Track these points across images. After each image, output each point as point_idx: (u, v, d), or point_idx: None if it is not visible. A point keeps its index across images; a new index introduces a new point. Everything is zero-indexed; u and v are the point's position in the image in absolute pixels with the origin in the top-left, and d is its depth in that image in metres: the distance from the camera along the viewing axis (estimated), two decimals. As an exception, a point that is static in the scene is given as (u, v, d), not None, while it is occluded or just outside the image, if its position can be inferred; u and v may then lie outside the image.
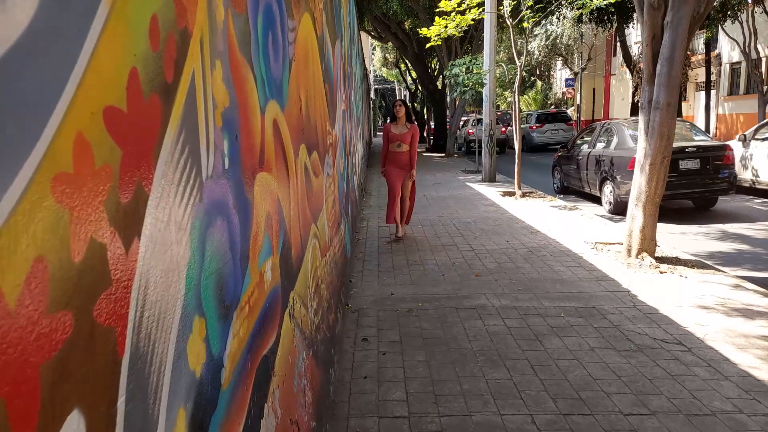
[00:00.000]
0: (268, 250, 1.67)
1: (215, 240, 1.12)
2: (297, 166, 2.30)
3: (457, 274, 4.85)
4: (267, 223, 1.65)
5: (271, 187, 1.74)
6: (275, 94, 1.83)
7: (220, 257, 1.16)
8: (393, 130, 6.23)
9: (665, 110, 4.71)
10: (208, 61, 1.10)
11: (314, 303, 2.69)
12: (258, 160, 1.55)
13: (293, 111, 2.23)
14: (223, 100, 1.21)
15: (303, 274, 2.41)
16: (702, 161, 7.32)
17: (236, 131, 1.31)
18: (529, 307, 3.98)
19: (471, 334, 3.52)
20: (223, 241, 1.18)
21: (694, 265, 4.99)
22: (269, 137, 1.72)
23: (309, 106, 2.74)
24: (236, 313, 1.27)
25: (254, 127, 1.51)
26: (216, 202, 1.13)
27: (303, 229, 2.45)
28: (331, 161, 3.87)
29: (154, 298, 0.81)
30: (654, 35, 4.76)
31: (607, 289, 4.32)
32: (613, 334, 3.47)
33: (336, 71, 4.60)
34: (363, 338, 3.51)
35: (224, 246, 1.19)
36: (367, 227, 7.19)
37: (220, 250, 1.16)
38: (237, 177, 1.31)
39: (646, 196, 5.01)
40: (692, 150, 7.38)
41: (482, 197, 9.49)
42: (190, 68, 0.99)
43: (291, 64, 2.17)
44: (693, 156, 7.39)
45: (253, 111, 1.50)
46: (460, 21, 8.44)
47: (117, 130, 0.71)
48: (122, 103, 0.73)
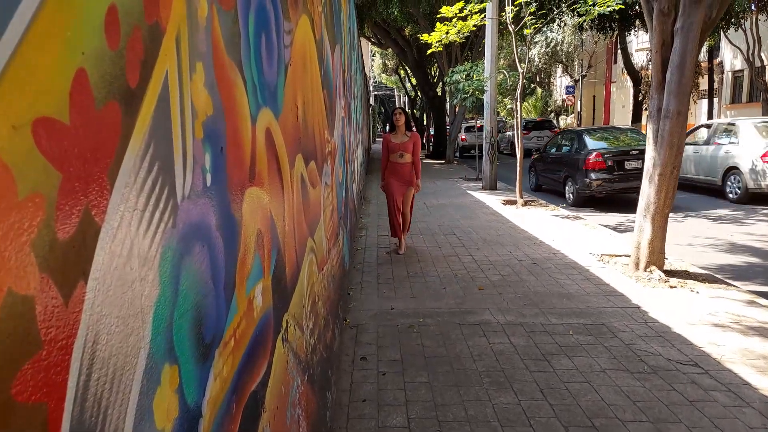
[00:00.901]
0: (259, 273, 1.51)
1: (192, 270, 0.96)
2: (292, 178, 2.15)
3: (459, 287, 4.68)
4: (257, 243, 1.50)
5: (263, 202, 1.58)
6: (269, 101, 1.68)
7: (199, 290, 1.00)
8: (393, 139, 5.87)
9: (675, 119, 4.57)
10: (187, 63, 0.94)
11: (310, 323, 2.53)
12: (248, 174, 1.40)
13: (289, 119, 2.08)
14: (206, 107, 1.05)
15: (298, 294, 2.25)
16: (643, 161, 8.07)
17: (221, 143, 1.16)
18: (536, 323, 3.82)
19: (475, 353, 3.35)
20: (202, 271, 1.02)
21: (705, 279, 4.84)
22: (261, 148, 1.56)
23: (306, 114, 2.59)
24: (218, 351, 1.11)
25: (243, 137, 1.35)
26: (194, 225, 0.97)
27: (299, 245, 2.29)
28: (329, 170, 3.72)
29: (106, 354, 0.65)
30: (664, 42, 4.62)
31: (616, 304, 4.16)
32: (625, 354, 3.30)
33: (335, 77, 4.46)
34: (362, 357, 3.34)
35: (204, 276, 1.03)
36: (366, 236, 7.04)
37: (199, 282, 1.00)
38: (222, 194, 1.16)
39: (654, 208, 4.86)
40: (635, 152, 8.90)
41: (483, 205, 9.34)
42: (163, 70, 0.84)
43: (287, 68, 2.02)
44: (635, 157, 8.85)
45: (243, 119, 1.35)
46: (462, 27, 8.32)
47: (54, 147, 0.55)
48: (63, 113, 0.57)
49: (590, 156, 8.90)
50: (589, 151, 9.03)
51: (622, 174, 8.78)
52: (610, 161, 8.82)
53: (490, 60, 10.96)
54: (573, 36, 25.81)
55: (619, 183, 8.85)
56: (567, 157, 9.70)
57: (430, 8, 14.48)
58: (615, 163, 8.83)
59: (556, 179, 10.12)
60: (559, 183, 9.96)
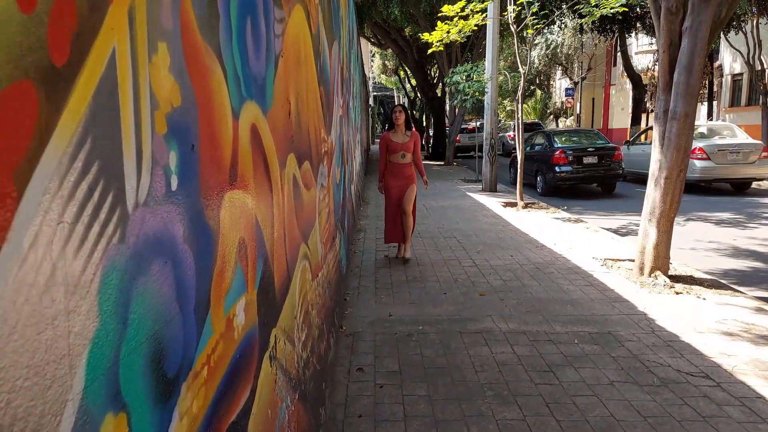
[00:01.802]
0: (241, 287, 1.35)
1: (149, 293, 0.80)
2: (283, 179, 1.98)
3: (459, 293, 4.52)
4: (240, 254, 1.33)
5: (247, 207, 1.42)
6: (255, 95, 1.51)
7: (159, 315, 0.83)
8: (393, 138, 5.55)
9: (683, 121, 4.42)
10: (144, 42, 0.78)
11: (302, 334, 2.36)
12: (228, 176, 1.23)
13: (280, 115, 1.91)
14: (171, 97, 0.89)
15: (289, 304, 2.09)
16: (599, 157, 10.55)
17: (192, 139, 1.00)
18: (539, 331, 3.66)
19: (477, 364, 3.19)
20: (164, 292, 0.86)
21: (711, 284, 4.69)
22: (245, 146, 1.40)
23: (300, 111, 2.43)
24: (186, 385, 0.94)
25: (222, 133, 1.19)
26: (152, 238, 0.81)
27: (290, 252, 2.12)
28: (325, 171, 3.55)
29: (7, 420, 0.49)
30: (671, 42, 4.48)
31: (621, 311, 4.01)
32: (633, 365, 3.15)
33: (333, 74, 4.30)
34: (358, 368, 3.17)
35: (166, 298, 0.87)
36: (365, 238, 6.87)
37: (159, 306, 0.84)
38: (193, 200, 1.00)
39: (660, 212, 4.71)
40: (592, 150, 10.62)
41: (483, 208, 9.18)
42: (107, 47, 0.67)
43: (278, 60, 1.85)
44: (593, 154, 10.60)
45: (222, 114, 1.18)
46: (463, 26, 8.17)
47: None
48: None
49: (555, 153, 10.59)
50: (554, 148, 10.75)
51: (582, 167, 10.56)
52: (571, 157, 10.50)
53: (491, 61, 10.81)
54: (573, 38, 25.70)
55: (579, 175, 10.59)
56: (538, 154, 11.31)
57: (430, 8, 14.34)
58: (575, 158, 10.52)
59: (529, 173, 11.48)
60: (532, 176, 11.48)
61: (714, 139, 10.82)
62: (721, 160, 10.17)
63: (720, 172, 10.20)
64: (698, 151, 10.18)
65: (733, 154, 10.18)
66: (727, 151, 10.17)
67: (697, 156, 10.16)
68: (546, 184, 10.85)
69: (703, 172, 10.21)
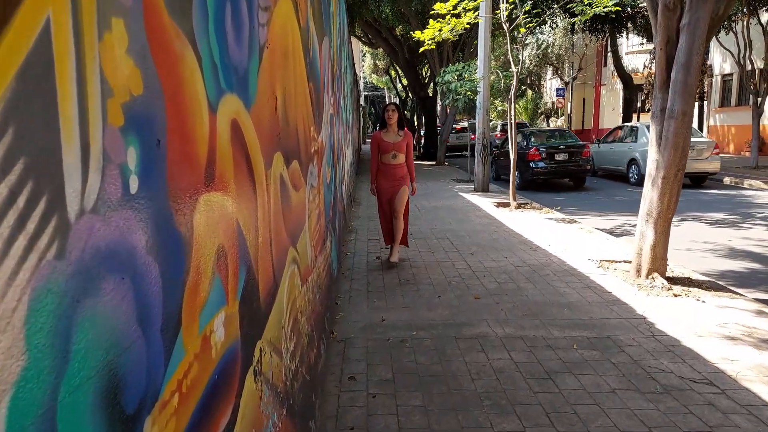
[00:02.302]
0: (219, 300, 1.22)
1: (100, 317, 0.67)
2: (269, 180, 1.85)
3: (454, 296, 4.41)
4: (218, 263, 1.20)
5: (227, 210, 1.29)
6: (236, 87, 1.38)
7: (114, 342, 0.70)
8: (385, 138, 5.30)
9: (680, 119, 4.34)
10: (92, 14, 0.65)
11: (291, 344, 2.23)
12: (203, 176, 1.10)
13: (265, 111, 1.78)
14: (130, 83, 0.76)
15: (276, 313, 1.95)
16: (569, 154, 11.77)
17: (159, 134, 0.86)
18: (537, 336, 3.55)
19: (473, 371, 3.08)
20: (120, 314, 0.72)
21: (709, 286, 4.61)
22: (225, 143, 1.27)
23: (288, 107, 2.30)
24: (151, 419, 0.81)
25: (197, 128, 1.06)
26: (104, 251, 0.68)
27: (277, 258, 1.99)
28: (315, 171, 3.42)
29: None
30: (668, 39, 4.39)
31: (620, 315, 3.91)
32: (634, 372, 3.05)
33: (323, 71, 4.16)
34: (350, 376, 3.05)
35: (124, 320, 0.74)
36: (356, 240, 6.74)
37: (113, 331, 0.71)
38: (159, 204, 0.86)
39: (657, 212, 4.62)
40: (563, 147, 11.87)
41: (476, 208, 9.09)
42: (40, 16, 0.54)
43: (262, 51, 1.72)
44: (564, 151, 11.82)
45: (195, 106, 1.05)
46: (455, 24, 8.07)
47: None
48: None
49: (530, 150, 11.73)
50: (530, 146, 11.91)
51: (554, 163, 11.79)
52: (544, 154, 11.69)
53: (483, 60, 10.73)
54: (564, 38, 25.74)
55: (552, 170, 11.79)
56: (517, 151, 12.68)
57: (422, 6, 14.24)
58: (548, 155, 11.74)
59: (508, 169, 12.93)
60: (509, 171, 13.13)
61: None
62: None
63: None
64: None
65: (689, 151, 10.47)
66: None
67: None
68: (523, 179, 11.93)
69: None
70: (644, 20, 16.25)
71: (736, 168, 14.12)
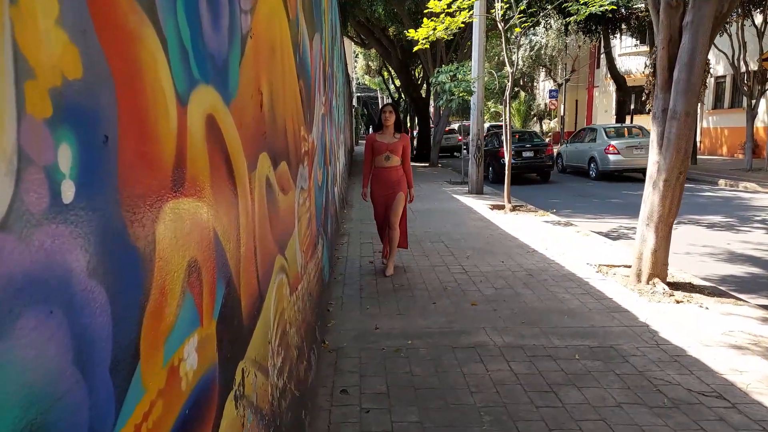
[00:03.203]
0: (192, 322, 1.05)
1: (16, 365, 0.51)
2: (253, 183, 1.69)
3: (450, 302, 4.26)
4: (190, 280, 1.04)
5: (201, 219, 1.12)
6: (213, 78, 1.22)
7: (37, 395, 0.54)
8: (379, 139, 4.97)
9: (683, 120, 4.22)
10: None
11: (278, 360, 2.07)
12: (170, 180, 0.94)
13: (248, 107, 1.62)
14: (63, 64, 0.60)
15: (262, 328, 1.79)
16: (535, 152, 13.71)
17: (106, 129, 0.70)
18: (537, 345, 3.41)
19: (472, 383, 2.92)
20: (48, 358, 0.56)
21: (711, 292, 4.50)
22: (198, 142, 1.11)
23: (275, 104, 2.13)
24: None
25: (159, 123, 0.90)
26: (19, 279, 0.52)
27: (262, 267, 1.83)
28: (306, 173, 3.26)
29: None
30: (671, 38, 4.28)
31: (622, 323, 3.78)
32: (640, 384, 2.91)
33: (314, 69, 4.00)
34: (342, 389, 2.88)
35: (53, 365, 0.57)
36: (348, 243, 6.58)
37: (38, 380, 0.55)
38: (105, 215, 0.70)
39: (658, 216, 4.50)
40: (529, 146, 13.84)
41: (471, 211, 8.96)
42: None
43: (246, 40, 1.56)
44: (530, 149, 13.80)
45: (158, 96, 0.89)
46: (450, 23, 7.93)
47: None
48: None
49: (501, 149, 12.42)
50: (501, 145, 12.69)
51: (522, 160, 13.64)
52: (513, 152, 12.13)
53: (477, 60, 10.60)
54: (557, 39, 25.74)
55: (520, 166, 13.50)
56: (490, 150, 13.65)
57: (415, 6, 14.13)
58: (516, 153, 13.26)
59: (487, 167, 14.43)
60: (487, 168, 14.05)
61: (625, 138, 14.03)
62: (628, 155, 13.31)
63: (627, 163, 13.37)
64: (611, 147, 13.52)
65: (637, 150, 13.12)
66: (633, 147, 13.31)
67: (611, 152, 13.53)
68: (495, 173, 13.72)
69: (615, 163, 13.51)
70: (638, 22, 16.23)
71: (730, 170, 14.11)
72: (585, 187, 13.06)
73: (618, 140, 13.71)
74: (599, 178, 14.03)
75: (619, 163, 13.39)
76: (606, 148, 13.65)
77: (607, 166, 13.53)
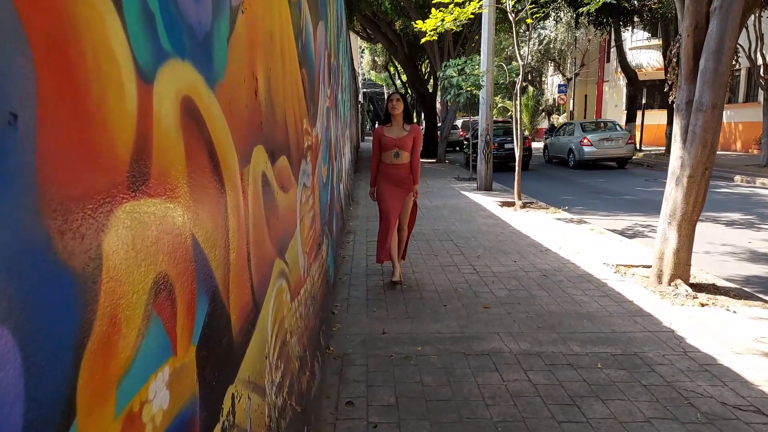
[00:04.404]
0: (160, 352, 0.85)
1: None
2: (246, 180, 1.48)
3: (461, 305, 4.05)
4: (157, 300, 0.83)
5: (174, 224, 0.92)
6: (191, 53, 1.01)
7: None
8: (387, 133, 4.49)
9: (710, 113, 3.98)
10: None
11: (277, 375, 1.86)
12: (125, 176, 0.73)
13: (240, 93, 1.41)
14: None
15: (257, 342, 1.59)
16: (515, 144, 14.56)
17: (14, 104, 0.50)
18: (556, 353, 3.19)
19: (487, 395, 2.71)
20: None
21: (737, 294, 4.26)
22: (170, 129, 0.90)
23: (273, 92, 1.92)
24: None
25: (108, 103, 0.69)
26: None
27: (258, 275, 1.63)
28: (309, 169, 3.05)
29: None
30: (697, 24, 4.03)
31: (645, 327, 3.55)
32: (670, 396, 2.69)
33: (318, 59, 3.79)
34: (347, 401, 2.68)
35: None
36: (354, 241, 6.37)
37: None
38: (9, 224, 0.49)
39: (681, 214, 4.26)
40: (510, 139, 14.36)
41: (480, 208, 8.73)
42: None
43: (236, 14, 1.35)
44: (509, 142, 14.51)
45: (105, 68, 0.68)
46: (459, 14, 7.68)
47: None
48: None
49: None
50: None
51: (504, 151, 14.88)
52: (497, 143, 13.96)
53: (486, 53, 10.35)
54: (567, 33, 25.35)
55: (502, 155, 14.74)
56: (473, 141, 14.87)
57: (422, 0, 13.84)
58: (499, 144, 14.60)
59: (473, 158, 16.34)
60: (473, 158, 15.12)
61: (598, 132, 15.79)
62: (600, 146, 15.24)
63: (600, 153, 15.29)
64: (585, 140, 15.31)
65: (609, 141, 15.26)
66: (604, 139, 15.27)
67: (585, 144, 15.32)
68: (473, 162, 14.52)
69: (589, 154, 15.32)
70: (651, 14, 15.86)
71: (745, 166, 13.77)
72: (563, 174, 14.92)
73: (591, 134, 15.58)
74: (576, 167, 15.91)
75: (593, 154, 15.33)
76: (581, 141, 15.50)
77: (583, 156, 15.44)
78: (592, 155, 15.28)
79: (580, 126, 16.33)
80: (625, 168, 15.91)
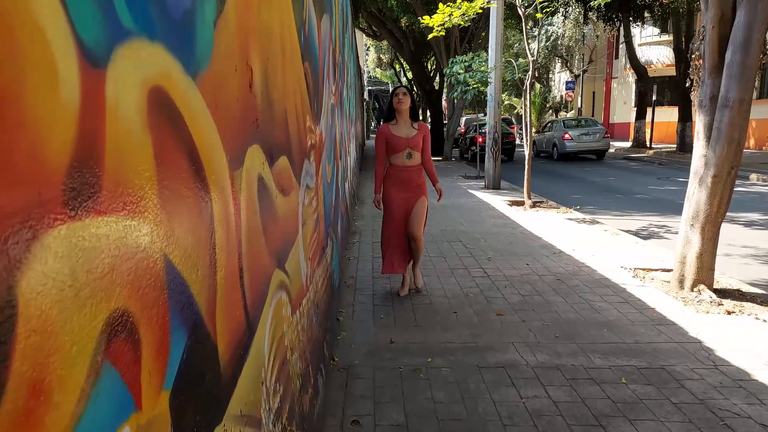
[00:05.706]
0: (117, 412, 0.66)
1: None
2: (238, 184, 1.29)
3: (473, 311, 3.85)
4: (111, 345, 0.65)
5: (138, 244, 0.73)
6: (164, 34, 0.82)
7: None
8: (395, 132, 4.05)
9: (736, 108, 3.75)
10: None
11: (275, 401, 1.67)
12: (59, 189, 0.54)
13: (229, 84, 1.22)
14: None
15: (251, 368, 1.40)
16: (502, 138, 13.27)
17: None
18: (576, 366, 2.99)
19: (504, 414, 2.52)
20: None
21: (764, 301, 4.04)
22: (130, 126, 0.71)
23: (271, 86, 1.73)
24: None
25: (33, 91, 0.49)
26: None
27: (253, 291, 1.44)
28: (313, 169, 2.86)
29: None
30: (722, 15, 3.80)
31: (670, 338, 3.34)
32: (704, 416, 2.48)
33: (323, 53, 3.60)
34: (353, 420, 2.49)
35: None
36: (360, 242, 6.19)
37: None
38: None
39: (705, 216, 4.04)
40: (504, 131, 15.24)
41: (489, 207, 8.51)
42: None
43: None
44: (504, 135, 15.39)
45: (22, 44, 0.49)
46: (467, 9, 7.47)
47: None
48: None
49: (475, 135, 15.33)
50: (476, 133, 14.94)
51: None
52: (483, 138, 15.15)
53: (494, 49, 10.12)
54: (575, 29, 25.02)
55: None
56: (470, 137, 17.33)
57: (429, -5, 13.62)
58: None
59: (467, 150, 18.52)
60: (468, 151, 17.88)
61: (578, 128, 17.92)
62: (579, 140, 17.53)
63: (580, 147, 17.58)
64: (567, 135, 17.58)
65: (588, 136, 17.58)
66: (583, 134, 17.59)
67: (567, 138, 17.57)
68: (472, 154, 16.23)
69: (569, 147, 17.57)
70: (662, 9, 15.55)
71: (760, 164, 13.47)
72: (548, 165, 16.78)
73: (572, 130, 17.81)
74: (559, 159, 18.15)
75: (573, 147, 17.59)
76: (563, 136, 17.70)
77: (564, 149, 17.69)
78: (573, 148, 17.56)
79: (562, 123, 18.57)
80: (602, 159, 18.30)
